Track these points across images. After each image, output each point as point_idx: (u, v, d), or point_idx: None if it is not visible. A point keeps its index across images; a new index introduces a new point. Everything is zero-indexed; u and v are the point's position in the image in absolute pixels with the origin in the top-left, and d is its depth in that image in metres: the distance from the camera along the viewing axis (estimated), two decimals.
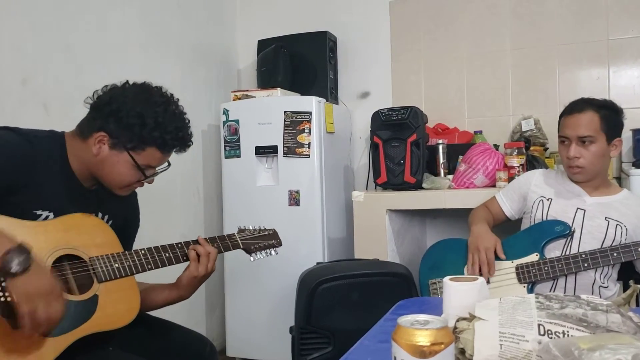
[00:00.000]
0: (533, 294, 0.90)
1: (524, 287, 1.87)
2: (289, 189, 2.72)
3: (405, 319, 0.68)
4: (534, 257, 1.88)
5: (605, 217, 1.85)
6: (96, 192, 1.43)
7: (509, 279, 1.90)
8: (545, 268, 1.84)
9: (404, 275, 2.03)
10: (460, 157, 2.58)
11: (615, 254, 1.78)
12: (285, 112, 2.71)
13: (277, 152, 2.73)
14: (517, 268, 1.89)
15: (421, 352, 0.64)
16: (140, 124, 1.33)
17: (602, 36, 2.74)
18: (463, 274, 1.94)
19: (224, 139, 2.84)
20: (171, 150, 1.42)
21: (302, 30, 3.07)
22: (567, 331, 0.80)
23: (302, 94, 2.90)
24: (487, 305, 0.89)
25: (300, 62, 3.02)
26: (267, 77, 2.96)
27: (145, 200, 1.59)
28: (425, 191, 2.47)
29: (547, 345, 0.76)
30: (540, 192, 1.97)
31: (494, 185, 2.38)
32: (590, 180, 1.89)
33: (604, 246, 1.82)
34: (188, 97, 2.92)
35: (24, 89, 1.98)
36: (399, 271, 2.05)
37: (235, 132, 2.81)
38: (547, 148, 2.69)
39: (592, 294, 1.82)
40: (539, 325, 0.81)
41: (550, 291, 1.85)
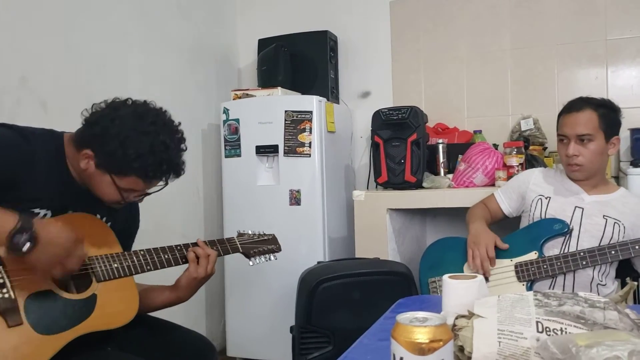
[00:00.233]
0: (531, 292, 0.90)
1: (523, 285, 1.88)
2: (289, 189, 2.72)
3: (404, 317, 0.68)
4: (532, 255, 1.89)
5: (603, 215, 1.85)
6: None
7: (508, 277, 1.90)
8: (544, 266, 1.85)
9: (404, 274, 2.03)
10: (460, 156, 2.59)
11: (613, 252, 1.79)
12: (285, 111, 2.71)
13: (277, 152, 2.73)
14: (516, 266, 1.89)
15: (420, 349, 0.64)
16: (122, 153, 1.28)
17: (600, 36, 2.74)
18: (463, 272, 1.95)
19: (224, 138, 2.84)
20: (154, 180, 1.37)
21: (303, 30, 3.07)
22: (565, 328, 0.81)
23: (303, 93, 2.90)
24: (486, 303, 0.89)
25: (300, 62, 3.02)
26: (268, 76, 2.96)
27: (145, 200, 1.59)
28: (426, 190, 2.48)
29: (545, 343, 0.76)
30: (538, 190, 1.98)
31: (493, 185, 2.39)
32: (588, 179, 1.90)
33: (602, 244, 1.82)
34: (188, 96, 2.93)
35: (23, 88, 1.98)
36: (399, 270, 2.06)
37: (235, 131, 2.81)
38: (546, 147, 2.70)
39: (591, 291, 1.82)
40: (537, 322, 0.82)
41: (549, 289, 1.85)
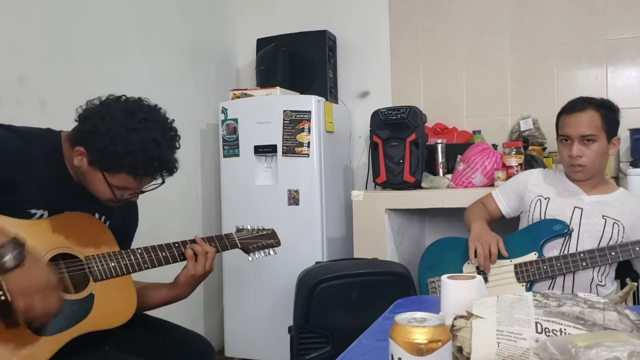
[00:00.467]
0: (530, 292, 0.90)
1: (523, 285, 1.87)
2: (288, 189, 2.72)
3: (402, 317, 0.68)
4: (532, 256, 1.88)
5: (603, 216, 1.85)
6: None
7: (507, 278, 1.90)
8: (544, 267, 1.85)
9: (402, 275, 2.03)
10: (459, 156, 2.58)
11: (613, 253, 1.78)
12: (284, 111, 2.71)
13: (276, 151, 2.73)
14: (515, 267, 1.89)
15: (418, 350, 0.64)
16: (112, 149, 1.27)
17: (600, 36, 2.74)
18: (462, 273, 1.94)
19: (223, 138, 2.84)
20: (145, 177, 1.35)
21: (302, 29, 3.06)
22: (564, 329, 0.80)
23: (302, 93, 2.90)
24: (485, 303, 0.89)
25: (299, 61, 3.02)
26: (266, 76, 2.96)
27: (143, 200, 1.58)
28: (424, 190, 2.47)
29: (545, 343, 0.76)
30: (538, 191, 1.98)
31: (492, 185, 2.38)
32: (589, 179, 1.89)
33: (601, 244, 1.82)
34: (187, 95, 2.93)
35: (21, 87, 1.97)
36: (398, 270, 2.05)
37: (234, 131, 2.81)
38: (546, 148, 2.69)
39: (590, 292, 1.82)
40: (536, 323, 0.81)
41: (548, 289, 1.85)
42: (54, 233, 1.29)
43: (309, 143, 2.68)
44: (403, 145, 2.49)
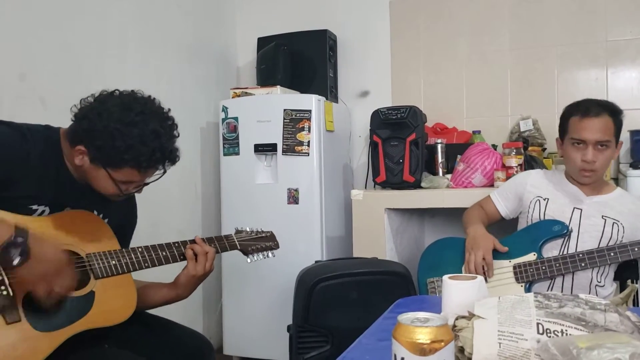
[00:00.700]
0: (532, 293, 0.90)
1: (522, 286, 1.87)
2: (287, 187, 2.72)
3: (405, 317, 0.68)
4: (531, 256, 1.88)
5: (602, 216, 1.85)
6: (92, 190, 1.41)
7: (506, 279, 1.90)
8: (543, 268, 1.85)
9: (402, 274, 2.03)
10: (459, 156, 2.59)
11: (612, 254, 1.79)
12: (284, 110, 2.71)
13: (276, 150, 2.73)
14: (514, 267, 1.89)
15: (421, 350, 0.64)
16: (112, 145, 1.27)
17: (600, 37, 2.74)
18: (462, 273, 1.94)
19: (223, 137, 2.84)
20: (149, 169, 1.35)
21: (302, 29, 3.06)
22: (566, 330, 0.81)
23: (302, 92, 2.90)
24: (486, 304, 0.89)
25: (300, 60, 3.02)
26: (267, 75, 2.95)
27: (143, 197, 1.58)
28: (424, 190, 2.48)
29: (546, 344, 0.76)
30: (536, 192, 1.98)
31: (492, 185, 2.39)
32: (593, 183, 1.89)
33: (601, 245, 1.82)
34: (187, 94, 2.92)
35: (22, 84, 1.97)
36: (397, 270, 2.05)
37: (234, 129, 2.81)
38: (545, 148, 2.70)
39: (589, 293, 1.82)
40: (537, 324, 0.82)
41: (547, 290, 1.85)
42: (55, 230, 1.30)
43: (309, 142, 2.68)
44: (403, 144, 2.49)
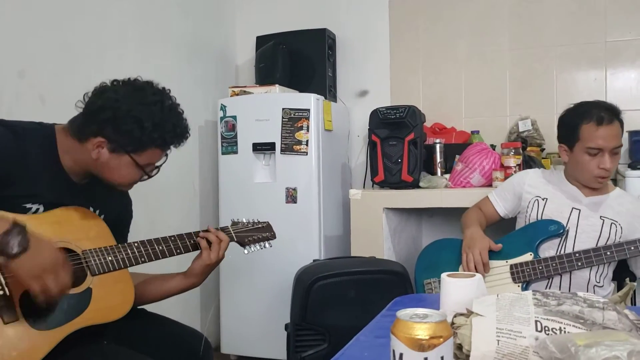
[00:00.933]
0: (530, 291, 0.90)
1: (518, 286, 1.88)
2: (286, 186, 2.71)
3: (404, 313, 0.68)
4: (528, 256, 1.89)
5: (600, 216, 1.86)
6: (87, 187, 1.42)
7: (503, 278, 1.90)
8: (540, 267, 1.85)
9: (400, 273, 2.03)
10: (457, 156, 2.59)
11: (608, 253, 1.79)
12: (283, 109, 2.71)
13: (274, 149, 2.72)
14: (511, 267, 1.89)
15: (420, 346, 0.64)
16: (139, 127, 1.30)
17: (599, 38, 2.75)
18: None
19: (221, 135, 2.83)
20: (169, 147, 1.42)
21: (301, 27, 3.06)
22: (564, 328, 0.81)
23: (301, 91, 2.90)
24: (485, 302, 0.89)
25: (298, 59, 3.01)
26: (266, 74, 2.95)
27: (141, 196, 1.59)
28: (422, 190, 2.48)
29: (544, 342, 0.76)
30: (535, 192, 1.98)
31: (490, 185, 2.39)
32: None
33: (598, 245, 1.83)
34: (185, 92, 2.89)
35: (21, 82, 1.97)
36: (395, 269, 2.06)
37: (232, 128, 2.81)
38: (544, 149, 2.70)
39: (587, 292, 1.82)
40: (536, 321, 0.82)
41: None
42: (50, 227, 1.29)
43: (307, 141, 2.68)
44: (401, 144, 2.49)
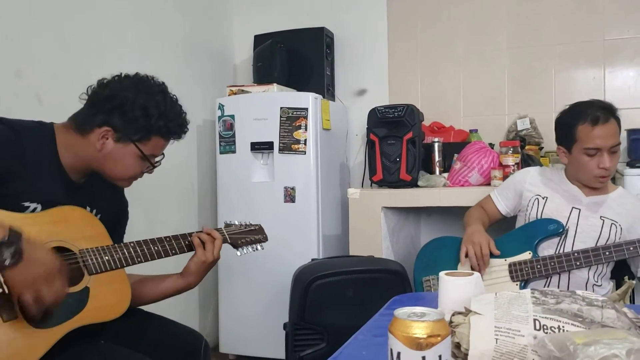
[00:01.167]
0: (529, 289, 0.90)
1: (517, 284, 1.88)
2: (284, 186, 2.71)
3: (401, 311, 0.68)
4: (526, 255, 1.89)
5: (600, 216, 1.86)
6: (84, 186, 1.42)
7: (501, 277, 1.90)
8: (538, 266, 1.85)
9: (398, 272, 2.03)
10: (456, 155, 2.58)
11: (607, 253, 1.79)
12: (281, 108, 2.70)
13: (272, 148, 2.72)
14: (510, 266, 1.89)
15: (418, 344, 0.64)
16: (145, 115, 1.35)
17: (598, 36, 2.75)
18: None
19: (219, 134, 2.83)
20: (172, 137, 1.45)
21: (299, 26, 3.06)
22: (563, 326, 0.80)
23: (299, 90, 2.89)
24: (483, 300, 0.89)
25: (296, 58, 3.01)
26: (263, 73, 2.95)
27: (139, 195, 1.58)
28: (421, 189, 2.47)
29: (543, 340, 0.76)
30: (535, 190, 1.98)
31: (489, 184, 2.39)
32: None
33: (598, 245, 1.82)
34: (183, 91, 2.85)
35: (18, 81, 1.96)
36: (393, 268, 2.05)
37: (230, 127, 2.80)
38: (542, 147, 2.70)
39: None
40: (534, 320, 0.81)
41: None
42: (48, 226, 1.28)
43: (305, 140, 2.67)
44: (400, 143, 2.49)
